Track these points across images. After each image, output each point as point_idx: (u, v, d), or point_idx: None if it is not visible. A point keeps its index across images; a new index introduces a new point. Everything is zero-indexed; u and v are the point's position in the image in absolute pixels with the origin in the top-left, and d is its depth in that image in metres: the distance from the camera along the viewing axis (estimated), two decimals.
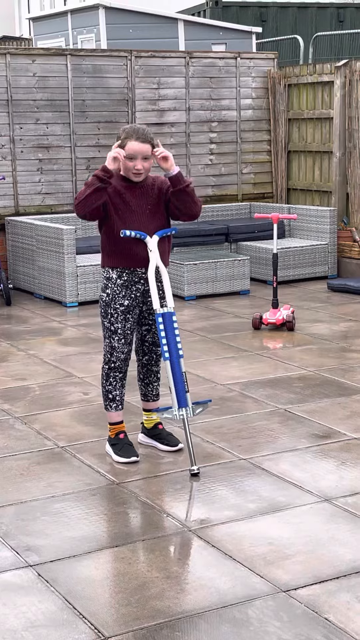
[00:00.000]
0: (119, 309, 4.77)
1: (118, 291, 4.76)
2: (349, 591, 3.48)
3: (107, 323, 4.81)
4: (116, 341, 4.81)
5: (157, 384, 5.10)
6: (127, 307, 4.77)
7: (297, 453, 4.94)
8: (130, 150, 4.64)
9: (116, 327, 4.79)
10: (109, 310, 4.78)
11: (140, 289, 4.79)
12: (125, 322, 4.79)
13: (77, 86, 10.20)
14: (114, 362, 4.85)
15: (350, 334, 7.65)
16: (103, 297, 4.81)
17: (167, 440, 5.03)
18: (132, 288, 4.77)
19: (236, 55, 11.17)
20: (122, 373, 4.90)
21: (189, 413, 4.71)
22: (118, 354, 4.83)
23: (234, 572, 3.65)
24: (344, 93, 10.29)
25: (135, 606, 3.41)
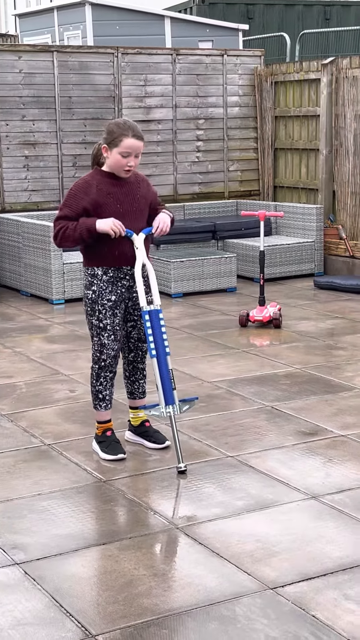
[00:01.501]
0: (106, 305, 4.72)
1: (104, 287, 4.71)
2: (336, 588, 3.48)
3: (95, 320, 4.76)
4: (106, 338, 4.76)
5: (144, 382, 5.09)
6: (114, 302, 4.73)
7: (284, 450, 4.94)
8: (127, 147, 4.59)
9: (105, 323, 4.74)
10: (97, 307, 4.73)
11: (126, 284, 4.76)
12: (114, 318, 4.75)
13: (63, 83, 10.17)
14: (104, 361, 4.80)
15: (336, 332, 7.66)
16: (89, 295, 4.75)
17: (154, 437, 5.02)
18: (117, 284, 4.74)
19: (223, 52, 11.17)
20: (112, 373, 4.86)
21: (176, 410, 4.71)
22: (108, 351, 4.78)
23: (221, 570, 3.65)
24: (330, 91, 10.30)
25: (123, 604, 3.40)
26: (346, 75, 10.12)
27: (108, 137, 4.61)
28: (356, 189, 10.18)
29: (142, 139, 4.65)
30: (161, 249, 9.94)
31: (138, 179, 4.79)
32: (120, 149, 4.59)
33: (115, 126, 4.61)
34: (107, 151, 4.63)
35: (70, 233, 4.59)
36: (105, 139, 4.62)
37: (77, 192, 4.65)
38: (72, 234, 4.59)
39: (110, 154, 4.63)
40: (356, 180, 10.17)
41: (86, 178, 4.72)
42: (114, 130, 4.59)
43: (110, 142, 4.60)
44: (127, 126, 4.60)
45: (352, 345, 7.17)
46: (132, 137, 4.58)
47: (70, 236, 4.59)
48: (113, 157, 4.62)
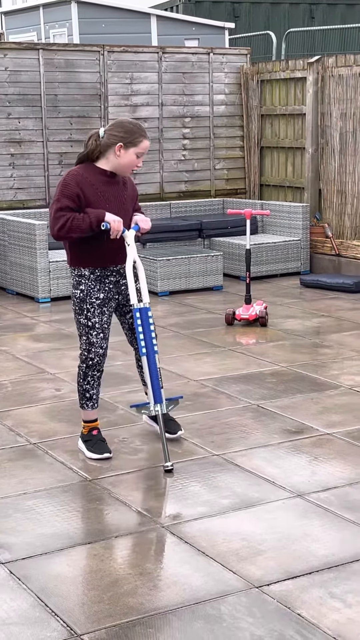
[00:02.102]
0: (95, 303, 4.71)
1: (92, 285, 4.70)
2: (322, 587, 3.48)
3: (83, 319, 4.74)
4: (94, 336, 4.74)
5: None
6: (102, 300, 4.73)
7: (270, 449, 4.94)
8: (143, 148, 4.61)
9: (94, 321, 4.72)
10: (85, 306, 4.72)
11: (113, 280, 4.74)
12: (102, 316, 4.74)
13: (49, 81, 10.15)
14: (92, 359, 4.78)
15: (322, 330, 7.67)
16: (77, 294, 4.73)
17: (167, 426, 4.96)
18: (105, 281, 4.73)
19: (209, 50, 11.16)
20: (99, 372, 4.85)
21: (164, 409, 4.73)
22: (96, 349, 4.76)
23: (207, 568, 3.65)
24: (316, 89, 10.31)
25: (108, 603, 3.40)
26: (332, 74, 10.14)
27: (127, 136, 4.58)
28: (342, 187, 10.20)
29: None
30: (147, 247, 9.93)
31: (124, 179, 4.77)
32: (138, 149, 4.59)
33: (133, 126, 4.61)
34: (121, 149, 4.58)
35: (79, 223, 4.52)
36: (123, 138, 4.57)
37: (70, 182, 4.59)
38: (80, 224, 4.53)
39: (125, 152, 4.59)
40: (342, 179, 10.18)
41: (78, 170, 4.64)
42: (135, 131, 4.59)
43: (129, 142, 4.58)
44: (139, 127, 4.63)
45: (338, 343, 7.18)
46: (146, 139, 4.63)
47: (79, 226, 4.53)
48: (128, 157, 4.59)
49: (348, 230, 10.19)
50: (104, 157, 4.63)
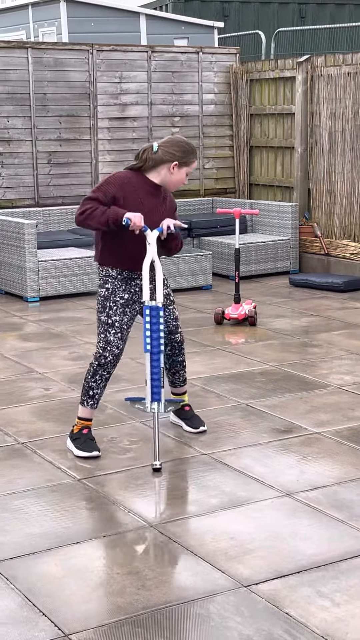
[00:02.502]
0: (118, 302, 4.81)
1: (119, 285, 4.81)
2: (310, 586, 3.48)
3: (104, 317, 4.81)
4: (112, 334, 4.81)
5: (184, 371, 5.18)
6: (126, 300, 4.82)
7: (259, 448, 4.94)
8: (193, 168, 4.84)
9: (114, 319, 4.80)
10: (108, 304, 4.80)
11: (139, 284, 4.85)
12: (123, 316, 4.82)
13: (38, 79, 10.13)
14: (105, 358, 4.82)
15: (311, 329, 7.68)
16: (102, 292, 4.83)
17: (191, 421, 5.17)
18: (131, 283, 4.84)
19: (198, 50, 11.16)
20: (109, 374, 4.88)
21: (161, 409, 4.71)
22: (112, 348, 4.82)
23: (195, 568, 3.64)
24: (305, 89, 10.32)
25: (96, 603, 3.39)
26: (321, 74, 10.15)
27: (183, 156, 4.74)
28: (331, 187, 10.22)
29: None
30: None
31: (165, 194, 4.89)
32: (189, 168, 4.80)
33: (187, 146, 4.78)
34: (176, 168, 4.75)
35: (98, 214, 4.63)
36: (180, 158, 4.73)
37: (114, 181, 4.73)
38: (98, 216, 4.63)
39: (178, 171, 4.76)
40: (331, 178, 10.20)
41: (127, 174, 4.78)
42: (190, 151, 4.78)
43: (184, 162, 4.76)
44: (191, 148, 4.80)
45: (327, 342, 7.19)
46: (195, 160, 4.84)
47: (96, 217, 4.64)
48: (180, 175, 4.78)
49: (337, 230, 10.21)
50: (155, 170, 4.76)
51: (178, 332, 5.04)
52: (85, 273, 9.06)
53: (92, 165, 10.50)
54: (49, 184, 10.26)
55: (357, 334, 7.45)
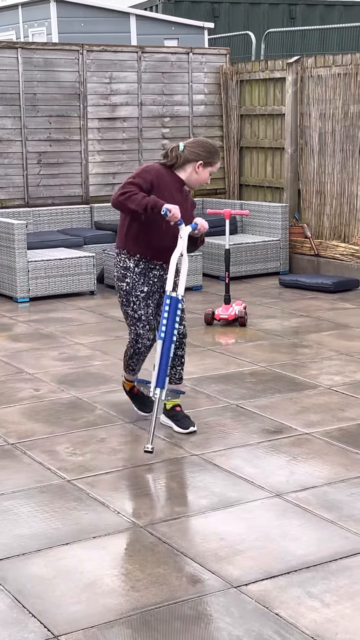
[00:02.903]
0: (140, 296, 5.04)
1: (137, 279, 5.03)
2: (300, 586, 3.49)
3: (130, 311, 5.08)
4: (141, 328, 5.09)
5: (181, 368, 5.29)
6: (146, 293, 5.06)
7: (249, 448, 4.94)
8: (216, 169, 5.12)
9: (140, 314, 5.06)
10: (131, 298, 5.05)
11: (157, 274, 5.08)
12: (147, 308, 5.08)
13: (28, 80, 10.11)
14: (139, 348, 5.16)
15: (301, 330, 7.68)
16: (122, 287, 5.06)
17: (180, 422, 5.21)
18: (149, 275, 5.06)
19: (188, 50, 11.16)
20: (144, 357, 5.25)
21: (162, 395, 4.85)
22: (144, 340, 5.13)
23: (185, 568, 3.64)
24: (295, 90, 10.33)
25: (86, 604, 3.38)
26: (311, 74, 10.16)
27: (208, 156, 5.03)
28: (321, 187, 10.23)
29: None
30: None
31: (187, 192, 5.15)
32: (212, 168, 5.08)
33: (212, 148, 5.07)
34: (201, 167, 5.02)
35: (138, 198, 4.83)
36: (205, 157, 5.01)
37: (151, 170, 4.99)
38: (139, 199, 4.82)
39: (202, 170, 5.03)
40: (321, 179, 10.21)
41: (160, 168, 5.03)
42: (214, 152, 5.07)
43: (208, 162, 5.03)
44: (215, 150, 5.09)
45: (317, 343, 7.20)
46: (218, 162, 5.12)
47: (137, 200, 4.82)
48: (204, 174, 5.05)
49: (327, 231, 10.22)
50: (182, 168, 5.03)
51: (182, 325, 5.17)
52: (75, 273, 9.05)
53: (82, 166, 10.49)
54: (38, 184, 10.25)
55: (346, 335, 7.46)
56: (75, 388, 6.06)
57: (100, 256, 9.63)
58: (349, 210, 9.94)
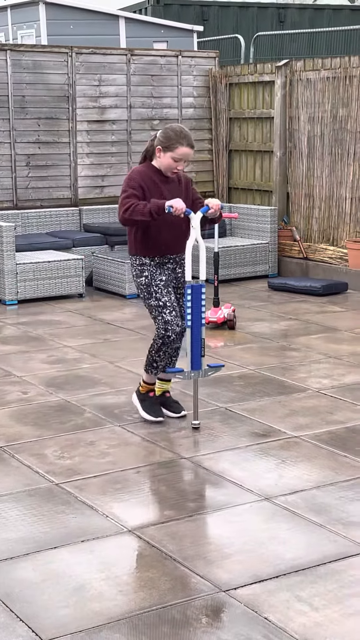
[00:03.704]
0: (160, 284, 5.16)
1: (154, 270, 5.17)
2: (289, 590, 3.48)
3: (154, 301, 5.15)
4: (168, 314, 5.15)
5: (176, 359, 5.40)
6: (165, 281, 5.19)
7: (238, 452, 4.94)
8: (180, 154, 5.05)
9: (164, 300, 5.15)
10: (152, 289, 5.15)
11: (170, 267, 5.23)
12: (170, 295, 5.18)
13: (16, 82, 10.09)
14: (168, 337, 5.15)
15: (290, 333, 7.69)
16: (142, 282, 5.18)
17: (172, 407, 5.42)
18: (164, 267, 5.22)
19: (177, 53, 11.16)
20: (172, 349, 5.23)
21: (201, 375, 5.15)
22: (173, 327, 5.14)
23: (173, 572, 3.63)
24: (284, 93, 10.35)
25: (74, 608, 3.37)
26: (300, 78, 10.17)
27: (165, 141, 5.05)
28: (310, 191, 10.24)
29: (193, 147, 5.13)
30: (116, 249, 9.90)
31: (181, 179, 5.21)
32: (174, 154, 5.04)
33: (172, 132, 5.06)
34: (160, 152, 5.07)
35: (141, 208, 4.95)
36: (162, 142, 5.05)
37: (134, 176, 5.10)
38: (141, 209, 4.94)
39: (163, 155, 5.07)
40: (310, 183, 10.22)
41: (141, 168, 5.16)
42: (172, 137, 5.04)
43: (167, 147, 5.04)
44: (183, 135, 5.05)
45: (306, 346, 7.20)
46: (186, 146, 5.06)
47: (140, 211, 4.95)
48: (165, 159, 5.07)
49: (315, 234, 10.23)
50: (155, 158, 5.13)
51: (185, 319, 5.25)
52: (63, 276, 9.03)
53: (71, 168, 10.47)
54: (27, 186, 10.23)
55: (335, 338, 7.47)
56: (63, 391, 6.05)
57: (89, 259, 9.61)
58: (338, 214, 9.96)
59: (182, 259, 5.28)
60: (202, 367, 5.17)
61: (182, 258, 5.28)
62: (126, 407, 5.67)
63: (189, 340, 5.11)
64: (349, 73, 9.63)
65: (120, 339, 7.45)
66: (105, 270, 9.36)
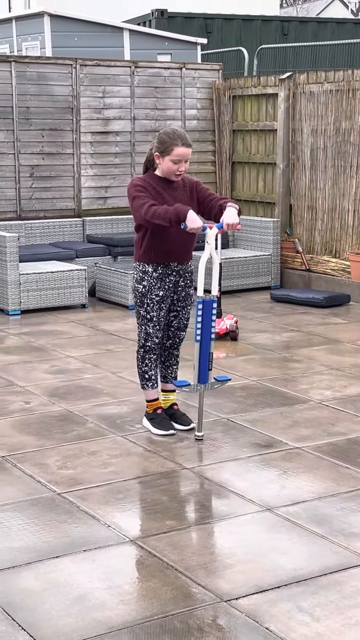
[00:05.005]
0: (154, 299, 5.22)
1: (154, 283, 5.21)
2: (290, 600, 3.49)
3: (143, 312, 5.25)
4: (151, 327, 5.27)
5: (176, 367, 5.55)
6: (161, 297, 5.23)
7: (240, 462, 4.94)
8: (177, 155, 5.05)
9: (152, 315, 5.24)
10: (145, 300, 5.22)
11: (172, 280, 5.26)
12: (160, 311, 5.25)
13: (21, 93, 10.14)
14: (148, 346, 5.31)
15: (292, 344, 7.70)
16: (139, 289, 5.24)
17: (180, 420, 5.44)
18: (165, 280, 5.23)
19: (181, 65, 11.21)
20: (155, 355, 5.36)
21: (208, 388, 5.21)
22: (153, 338, 5.29)
23: (175, 582, 3.64)
24: (287, 105, 10.38)
25: (75, 617, 3.37)
26: (303, 91, 10.21)
27: (160, 146, 5.08)
28: (312, 203, 10.27)
29: (190, 146, 5.12)
30: (119, 260, 9.93)
31: (185, 183, 5.24)
32: (171, 156, 5.06)
33: (165, 136, 5.07)
34: (159, 158, 5.10)
35: (162, 212, 4.97)
36: (158, 148, 5.09)
37: (138, 183, 5.13)
38: (163, 214, 4.97)
39: (162, 161, 5.09)
40: (312, 195, 10.25)
41: (142, 177, 5.20)
42: (165, 140, 5.06)
43: (163, 151, 5.07)
44: (177, 135, 5.06)
45: (308, 358, 7.21)
46: (181, 146, 5.06)
47: (161, 215, 4.97)
48: (165, 164, 5.09)
49: (318, 246, 10.26)
50: (156, 165, 5.15)
51: (184, 331, 5.44)
52: (66, 286, 9.05)
53: (75, 179, 10.51)
54: (31, 197, 10.26)
55: (337, 350, 7.48)
56: (66, 401, 6.06)
57: (92, 269, 9.64)
58: (340, 226, 9.98)
59: (186, 271, 5.32)
60: (209, 380, 5.20)
61: (187, 270, 5.32)
62: (128, 418, 5.68)
63: (197, 353, 5.13)
64: (352, 86, 9.67)
65: (122, 350, 7.47)
66: (108, 281, 9.39)
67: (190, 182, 5.27)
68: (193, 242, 5.27)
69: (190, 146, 5.11)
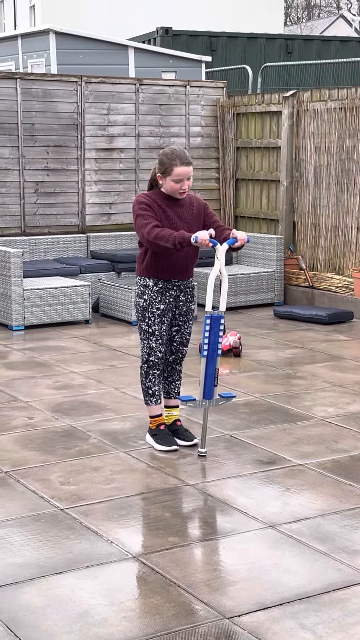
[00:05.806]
0: (155, 313, 5.25)
1: (154, 297, 5.25)
2: (293, 618, 3.48)
3: (145, 326, 5.28)
4: (154, 342, 5.29)
5: (179, 383, 5.57)
6: (162, 310, 5.27)
7: (242, 479, 4.94)
8: (177, 175, 5.10)
9: (154, 329, 5.27)
10: (147, 314, 5.26)
11: (173, 294, 5.30)
12: (162, 325, 5.28)
13: (26, 110, 10.19)
14: (152, 361, 5.32)
15: (295, 361, 7.70)
16: (140, 303, 5.28)
17: (184, 435, 5.45)
18: (166, 294, 5.27)
19: (186, 83, 11.26)
20: (159, 370, 5.37)
21: (212, 404, 5.23)
22: (156, 353, 5.31)
23: (177, 599, 3.63)
24: (291, 123, 10.43)
25: (78, 633, 3.37)
26: (307, 108, 10.26)
27: (160, 167, 5.13)
28: (316, 220, 10.29)
29: (190, 164, 5.15)
30: (122, 276, 9.95)
31: (193, 202, 5.30)
32: (172, 177, 5.11)
33: (164, 157, 5.12)
34: (162, 179, 5.15)
35: (166, 235, 5.02)
36: (159, 169, 5.13)
37: (142, 200, 5.18)
38: (167, 237, 5.02)
39: (165, 181, 5.14)
40: (316, 212, 10.28)
41: (147, 193, 5.23)
42: (165, 161, 5.11)
43: (163, 172, 5.12)
44: (175, 155, 5.11)
45: (311, 374, 7.21)
46: (180, 165, 5.10)
47: (165, 237, 5.02)
48: (168, 184, 5.14)
49: (321, 263, 10.27)
50: (160, 185, 5.20)
51: (187, 346, 5.48)
52: (70, 302, 9.07)
53: (79, 196, 10.55)
54: (35, 213, 10.30)
55: (340, 366, 7.48)
56: (69, 417, 6.07)
57: (96, 285, 9.66)
58: (344, 243, 10.00)
59: (187, 287, 5.35)
60: (214, 396, 5.23)
61: (188, 286, 5.35)
62: (131, 434, 5.68)
63: (203, 368, 5.15)
64: (355, 104, 9.71)
65: (126, 366, 7.48)
66: (112, 297, 9.41)
67: (198, 203, 5.31)
68: (195, 260, 5.33)
69: (190, 164, 5.13)
